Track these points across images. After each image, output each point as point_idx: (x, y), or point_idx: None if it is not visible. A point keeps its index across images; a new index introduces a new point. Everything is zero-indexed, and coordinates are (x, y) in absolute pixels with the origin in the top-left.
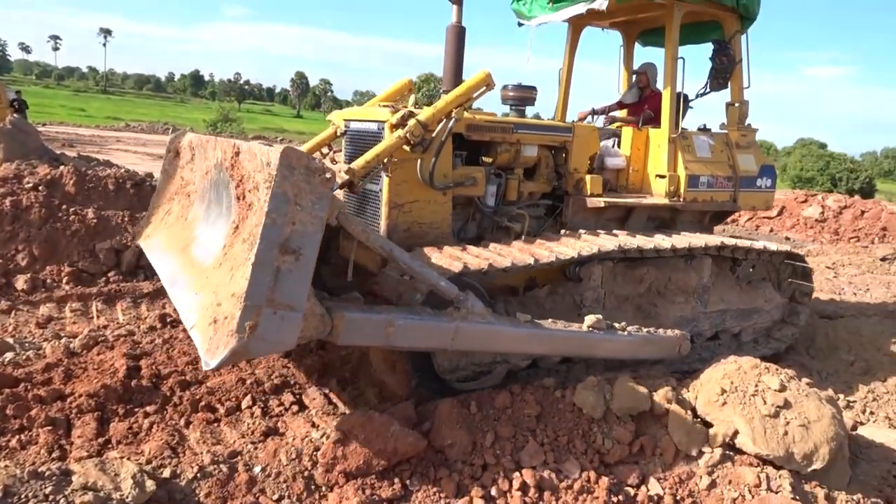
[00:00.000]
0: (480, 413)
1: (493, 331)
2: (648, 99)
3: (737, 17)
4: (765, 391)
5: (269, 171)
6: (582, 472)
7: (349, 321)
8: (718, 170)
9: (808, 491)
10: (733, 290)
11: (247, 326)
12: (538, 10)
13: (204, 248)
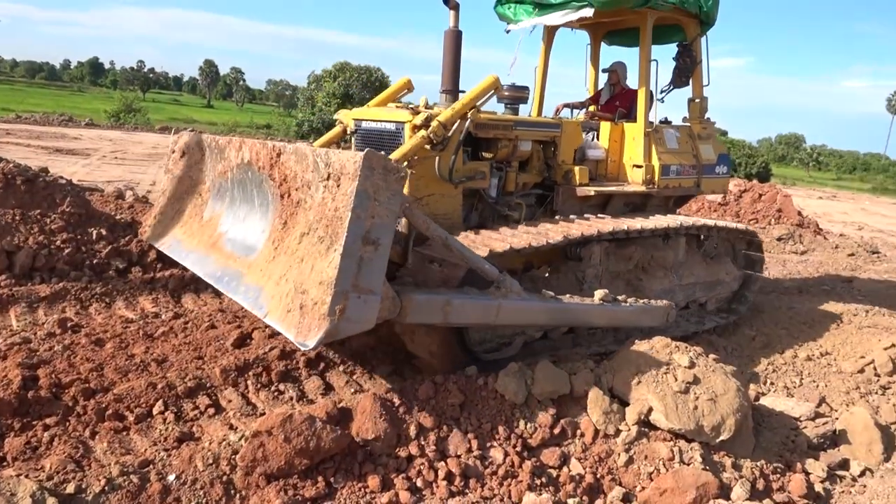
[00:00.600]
0: (404, 405)
1: (527, 306)
2: (619, 95)
3: (698, 22)
4: (676, 369)
5: (354, 170)
6: (506, 458)
7: (415, 302)
8: (685, 159)
9: (717, 460)
10: (700, 265)
11: (337, 310)
12: (524, 14)
13: (239, 243)
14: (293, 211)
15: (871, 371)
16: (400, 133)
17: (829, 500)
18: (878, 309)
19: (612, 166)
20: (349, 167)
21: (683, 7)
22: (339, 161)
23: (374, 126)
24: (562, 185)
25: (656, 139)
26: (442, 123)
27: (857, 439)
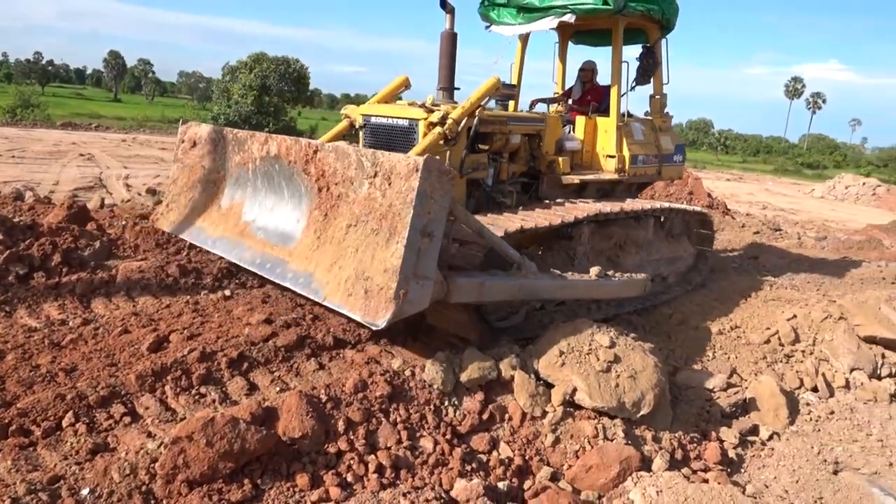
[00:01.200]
0: (331, 401)
1: (542, 284)
2: (591, 91)
3: (660, 27)
4: (597, 349)
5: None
6: (436, 446)
7: (458, 284)
8: (649, 150)
9: (638, 435)
10: (664, 243)
11: (401, 294)
12: (508, 17)
13: (272, 232)
14: (334, 204)
15: (776, 341)
16: (414, 129)
17: (742, 464)
18: (781, 283)
19: (586, 156)
20: (401, 168)
21: (649, 14)
22: (388, 161)
23: (385, 122)
24: (546, 173)
25: (626, 132)
26: (455, 121)
27: (764, 406)
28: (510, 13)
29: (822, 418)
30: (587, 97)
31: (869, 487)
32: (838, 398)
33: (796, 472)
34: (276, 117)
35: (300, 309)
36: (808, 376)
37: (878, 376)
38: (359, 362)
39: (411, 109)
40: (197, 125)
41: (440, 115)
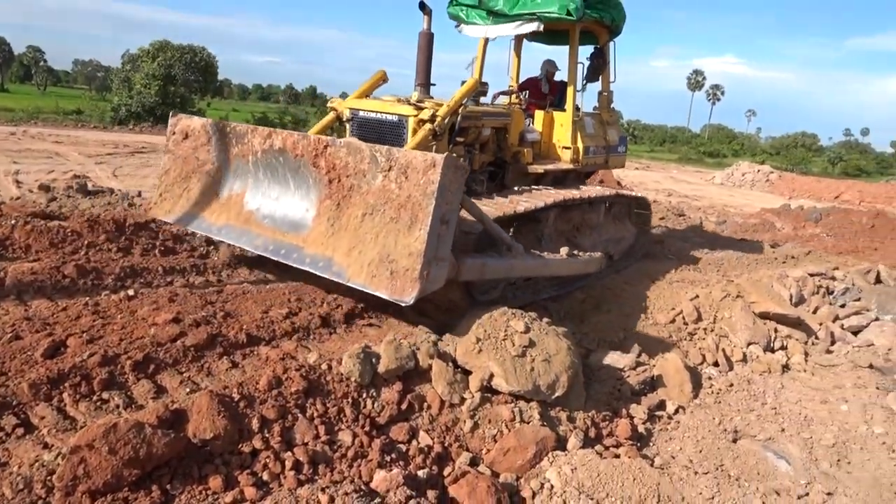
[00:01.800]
0: (244, 399)
1: (528, 263)
2: (552, 87)
3: (608, 31)
4: (513, 334)
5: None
6: (355, 439)
7: (466, 265)
8: (598, 141)
9: (553, 416)
10: (610, 225)
11: (424, 274)
12: (477, 18)
13: (279, 220)
14: (346, 195)
15: (681, 320)
16: (403, 125)
17: (651, 438)
18: (685, 265)
19: (544, 147)
20: (417, 163)
21: (601, 20)
22: (403, 157)
23: (373, 116)
24: (511, 163)
25: (580, 126)
26: (443, 118)
27: (670, 382)
28: (480, 15)
29: (723, 391)
30: (548, 93)
31: (764, 452)
32: (737, 371)
33: (700, 443)
34: (183, 108)
35: (210, 307)
36: (709, 352)
37: (771, 349)
38: (274, 359)
39: (400, 106)
40: (188, 118)
41: (430, 113)
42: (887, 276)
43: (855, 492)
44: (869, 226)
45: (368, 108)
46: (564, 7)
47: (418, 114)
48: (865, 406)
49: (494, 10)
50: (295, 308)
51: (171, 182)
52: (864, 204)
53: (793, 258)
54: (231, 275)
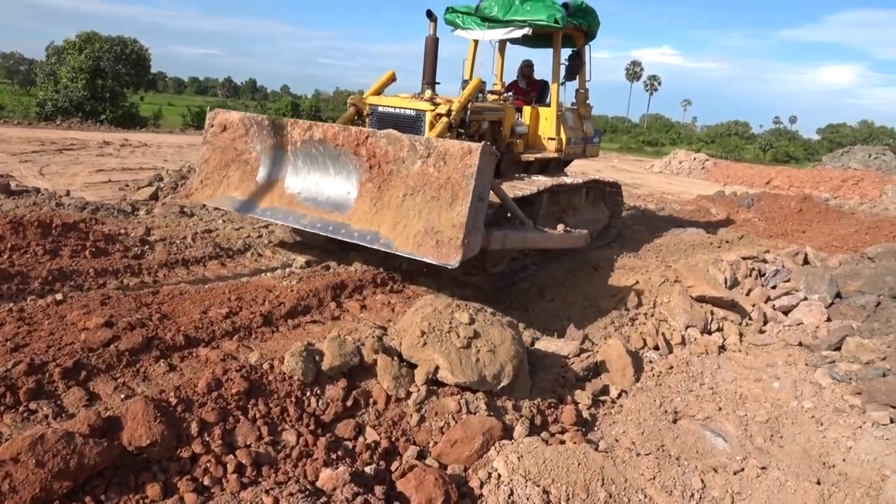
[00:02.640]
0: (182, 403)
1: (536, 236)
2: (532, 85)
3: (585, 35)
4: (458, 326)
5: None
6: (299, 438)
7: (494, 235)
8: (577, 133)
9: (499, 405)
10: (588, 207)
11: (466, 242)
12: (473, 24)
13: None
14: (386, 178)
15: (622, 307)
16: (421, 119)
17: (595, 422)
18: (626, 252)
19: (531, 139)
20: (454, 151)
21: (579, 26)
22: (441, 145)
23: (392, 111)
24: (505, 152)
25: (562, 119)
26: (457, 112)
27: (613, 367)
28: (476, 22)
29: (663, 373)
30: (529, 90)
31: (702, 431)
32: (676, 354)
33: (642, 425)
34: (114, 103)
35: (146, 309)
36: (650, 336)
37: (708, 331)
38: (214, 360)
39: (417, 102)
40: (226, 112)
41: (447, 108)
42: (814, 257)
43: (787, 464)
44: (797, 210)
45: (387, 104)
46: (552, 16)
47: (435, 108)
48: (796, 382)
49: (489, 16)
50: (235, 307)
51: (210, 170)
52: (792, 189)
53: (727, 242)
54: (168, 275)
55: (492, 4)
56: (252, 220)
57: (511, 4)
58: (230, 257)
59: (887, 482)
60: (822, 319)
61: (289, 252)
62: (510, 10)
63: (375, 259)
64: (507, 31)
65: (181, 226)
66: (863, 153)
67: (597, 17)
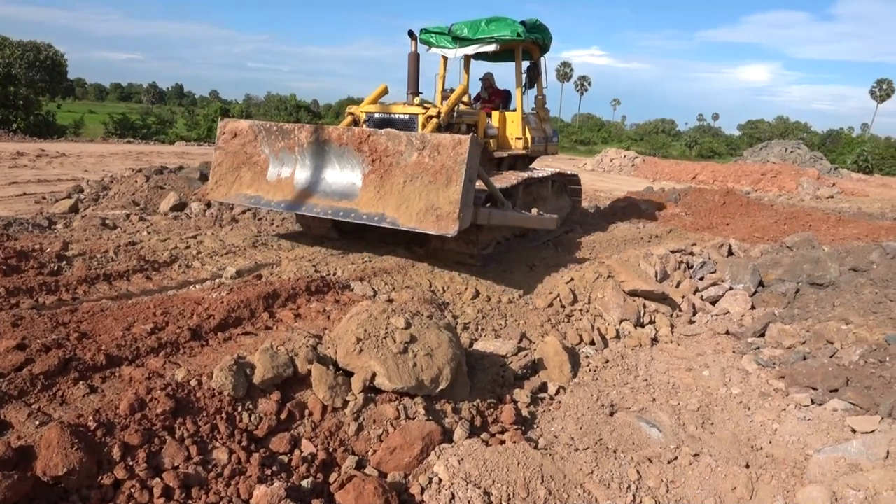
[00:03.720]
0: (102, 428)
1: (516, 216)
2: (495, 93)
3: (540, 49)
4: (394, 331)
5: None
6: (231, 456)
7: (481, 212)
8: (540, 133)
9: (438, 409)
10: (552, 197)
11: (461, 216)
12: (445, 42)
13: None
14: (387, 170)
15: (558, 303)
16: (414, 121)
17: (535, 420)
18: (559, 250)
19: (501, 139)
20: (447, 142)
21: (536, 40)
22: (434, 139)
23: (387, 117)
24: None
25: (527, 121)
26: (446, 114)
27: (551, 364)
28: (448, 40)
29: (599, 368)
30: (493, 98)
31: (638, 423)
32: (611, 348)
33: (580, 420)
34: (27, 111)
35: (63, 328)
36: (585, 332)
37: (641, 324)
38: (138, 379)
39: (410, 107)
40: (235, 121)
41: (437, 111)
42: (738, 248)
43: (718, 450)
44: (721, 203)
45: (382, 111)
46: (514, 31)
47: (426, 112)
48: (724, 370)
49: (460, 36)
50: (161, 322)
51: (224, 172)
52: (716, 183)
53: (656, 237)
54: (88, 291)
55: (462, 26)
56: (179, 231)
57: (478, 25)
58: (156, 270)
59: (810, 461)
60: (746, 308)
61: (220, 260)
62: (478, 30)
63: (309, 266)
64: (476, 47)
65: (103, 239)
66: (780, 147)
67: (549, 32)
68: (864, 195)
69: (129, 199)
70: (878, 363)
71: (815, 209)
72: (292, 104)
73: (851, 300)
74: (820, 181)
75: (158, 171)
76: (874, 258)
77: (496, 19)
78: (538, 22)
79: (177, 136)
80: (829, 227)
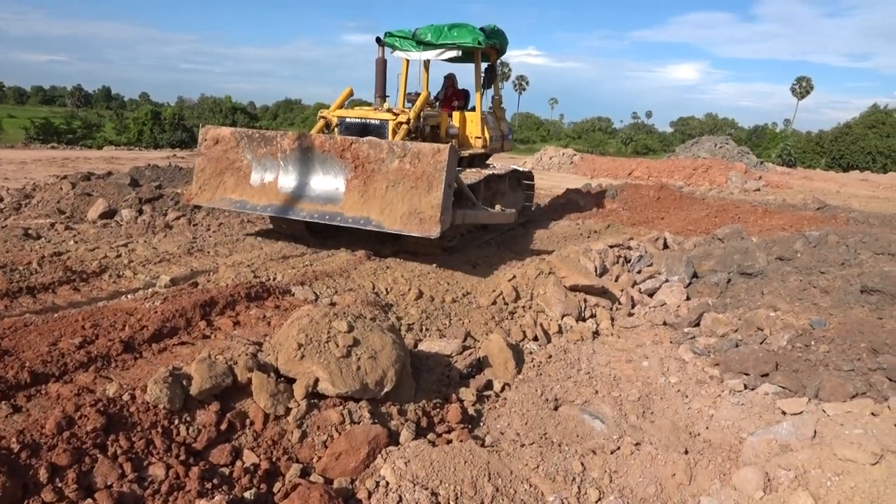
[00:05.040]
0: (27, 449)
1: (484, 214)
2: (455, 94)
3: (497, 53)
4: (336, 335)
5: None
6: (169, 471)
7: (458, 213)
8: (497, 132)
9: (384, 412)
10: (509, 193)
11: (443, 218)
12: (409, 47)
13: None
14: (369, 175)
15: (501, 301)
16: (385, 127)
17: (481, 418)
18: (501, 249)
19: (461, 138)
20: (426, 151)
21: (494, 45)
22: (415, 147)
23: (358, 122)
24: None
25: (485, 121)
26: (415, 119)
27: (495, 361)
28: (411, 45)
29: (543, 363)
30: (453, 98)
31: (581, 415)
32: (554, 343)
33: (525, 415)
34: None
35: None
36: (529, 328)
37: (583, 319)
38: (67, 395)
39: (380, 113)
40: (217, 128)
41: (406, 117)
42: (672, 241)
43: (658, 438)
44: (655, 198)
45: (353, 116)
46: (475, 38)
47: (396, 118)
48: (662, 360)
49: (423, 40)
50: (91, 335)
51: (206, 178)
52: (651, 178)
53: (595, 233)
54: (10, 306)
55: (426, 31)
56: (109, 239)
57: (441, 31)
58: (84, 281)
59: (744, 444)
60: (682, 299)
61: (153, 269)
62: (441, 35)
63: (248, 272)
64: (439, 52)
65: (25, 250)
66: (710, 143)
67: (506, 37)
68: (787, 188)
69: (54, 208)
70: (804, 347)
71: (743, 202)
72: (228, 106)
73: (779, 288)
74: (747, 175)
75: (85, 177)
76: (798, 247)
77: (458, 26)
78: (496, 28)
79: (105, 141)
80: (757, 218)
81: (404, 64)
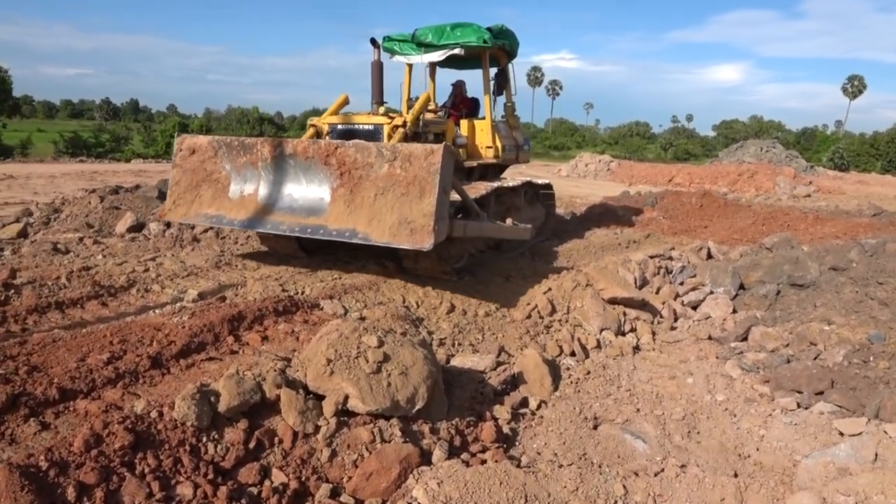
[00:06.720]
0: (55, 467)
1: (491, 227)
2: (463, 102)
3: (507, 55)
4: (366, 351)
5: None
6: (197, 490)
7: (456, 224)
8: (510, 142)
9: (416, 430)
10: (527, 207)
11: (436, 228)
12: (410, 50)
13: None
14: (357, 183)
15: (536, 315)
16: (380, 131)
17: (516, 437)
18: (535, 260)
19: (470, 148)
20: (418, 152)
21: (503, 46)
22: (405, 149)
23: (351, 127)
24: None
25: (496, 129)
26: (412, 124)
27: (531, 377)
28: (412, 47)
29: (581, 379)
30: (461, 106)
31: (622, 435)
32: (592, 358)
33: (563, 434)
34: None
35: (11, 362)
36: (565, 343)
37: (622, 333)
38: (94, 412)
39: (375, 117)
40: (193, 137)
41: (402, 121)
42: (717, 251)
43: (705, 460)
44: (698, 206)
45: (345, 122)
46: (481, 37)
47: (392, 121)
48: (708, 376)
49: (424, 42)
50: (119, 351)
51: (182, 191)
52: (693, 185)
53: (634, 242)
54: (39, 321)
55: (426, 32)
56: (137, 253)
57: (443, 31)
58: (112, 296)
59: (799, 467)
60: (728, 312)
61: (181, 283)
62: (443, 36)
63: (276, 286)
64: (441, 53)
65: (54, 265)
66: (755, 147)
67: (516, 38)
68: (840, 193)
69: (83, 222)
70: (862, 363)
71: (792, 208)
72: (255, 117)
73: (833, 300)
74: (796, 180)
75: (114, 190)
76: (853, 256)
77: (461, 25)
78: (504, 28)
79: (133, 154)
80: (808, 226)
81: (406, 70)
